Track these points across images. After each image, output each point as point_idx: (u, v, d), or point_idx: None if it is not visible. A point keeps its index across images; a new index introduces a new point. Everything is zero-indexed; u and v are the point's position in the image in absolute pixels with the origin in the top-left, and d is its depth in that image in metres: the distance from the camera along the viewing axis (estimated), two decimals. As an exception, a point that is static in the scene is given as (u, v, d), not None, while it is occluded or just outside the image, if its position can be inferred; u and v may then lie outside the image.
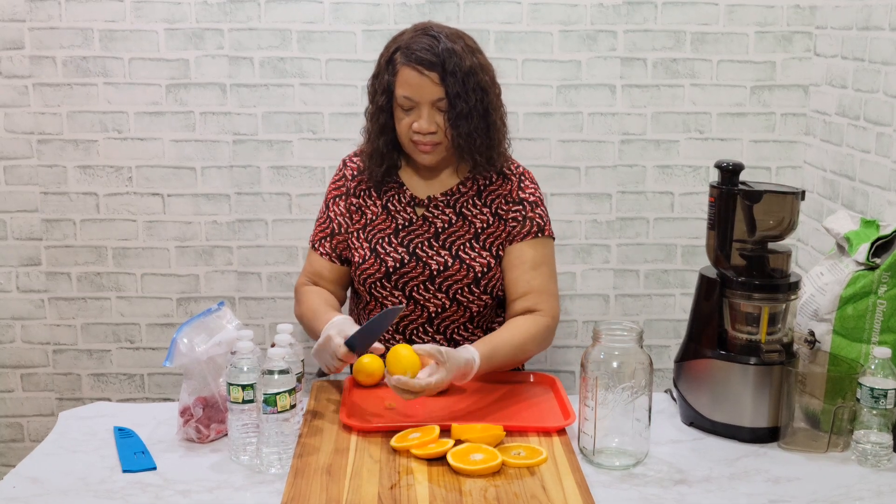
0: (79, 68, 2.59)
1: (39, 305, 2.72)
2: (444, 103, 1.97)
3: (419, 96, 1.97)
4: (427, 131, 1.98)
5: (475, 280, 2.06)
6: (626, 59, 2.64)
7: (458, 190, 2.09)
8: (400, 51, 1.99)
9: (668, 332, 2.80)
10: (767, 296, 1.81)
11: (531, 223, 2.06)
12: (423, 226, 2.08)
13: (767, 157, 2.71)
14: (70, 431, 1.81)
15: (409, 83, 1.97)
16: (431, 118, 1.98)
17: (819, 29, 2.60)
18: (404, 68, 1.97)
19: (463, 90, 1.96)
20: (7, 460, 2.77)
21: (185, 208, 2.68)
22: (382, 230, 2.08)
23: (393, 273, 2.06)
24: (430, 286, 2.06)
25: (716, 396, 1.82)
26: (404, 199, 2.09)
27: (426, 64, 1.95)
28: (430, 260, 2.06)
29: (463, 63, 1.96)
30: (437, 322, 2.10)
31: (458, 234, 2.07)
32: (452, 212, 2.08)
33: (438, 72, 1.95)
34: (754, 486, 1.62)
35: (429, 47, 1.96)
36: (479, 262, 2.06)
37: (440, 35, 1.99)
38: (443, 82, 1.95)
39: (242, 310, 2.74)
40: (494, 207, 2.08)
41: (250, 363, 1.66)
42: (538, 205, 2.09)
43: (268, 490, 1.58)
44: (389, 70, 2.00)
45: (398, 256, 2.06)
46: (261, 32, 2.59)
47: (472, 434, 1.69)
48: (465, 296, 2.07)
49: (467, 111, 1.98)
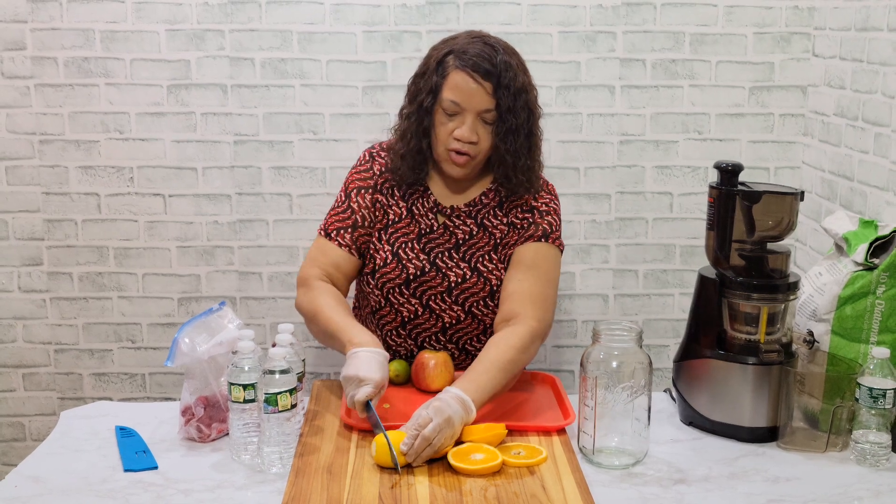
0: (80, 69, 2.59)
1: (41, 305, 2.73)
2: (491, 115, 1.93)
3: (468, 103, 1.92)
4: (468, 140, 1.93)
5: (490, 293, 2.03)
6: (626, 60, 2.65)
7: (481, 201, 2.05)
8: (454, 54, 1.93)
9: (668, 332, 2.81)
10: (766, 296, 1.81)
11: (537, 227, 2.03)
12: (444, 234, 2.04)
13: (766, 158, 2.72)
14: (71, 431, 1.82)
15: (461, 88, 1.91)
16: (474, 128, 1.93)
17: (817, 30, 2.60)
18: (457, 72, 1.91)
19: (514, 106, 1.92)
20: (9, 459, 2.78)
21: (187, 208, 2.68)
22: (406, 234, 2.04)
23: (413, 280, 2.03)
24: (447, 298, 2.04)
25: (715, 396, 1.83)
26: (427, 205, 2.05)
27: (482, 72, 1.90)
28: (449, 271, 2.03)
29: (517, 79, 1.93)
30: (450, 332, 2.07)
31: (477, 245, 2.04)
32: (474, 223, 2.05)
33: (493, 82, 1.91)
34: (753, 485, 1.63)
35: (486, 56, 1.92)
36: (496, 275, 2.03)
37: (497, 46, 1.94)
38: (495, 94, 1.91)
39: (243, 309, 2.74)
40: (510, 217, 2.05)
41: (251, 363, 1.66)
42: (549, 213, 2.04)
43: (269, 489, 1.58)
44: (439, 71, 1.94)
45: (419, 264, 2.03)
46: (262, 33, 2.59)
47: (475, 433, 1.69)
48: (479, 309, 2.05)
49: (515, 127, 1.94)
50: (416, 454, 1.61)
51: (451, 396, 1.68)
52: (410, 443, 1.60)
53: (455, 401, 1.67)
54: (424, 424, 1.62)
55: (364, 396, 1.70)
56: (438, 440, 1.62)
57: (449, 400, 1.67)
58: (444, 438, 1.63)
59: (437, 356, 1.95)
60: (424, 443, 1.60)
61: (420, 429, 1.61)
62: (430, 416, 1.62)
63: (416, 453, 1.61)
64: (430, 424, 1.61)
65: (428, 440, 1.61)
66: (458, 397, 1.69)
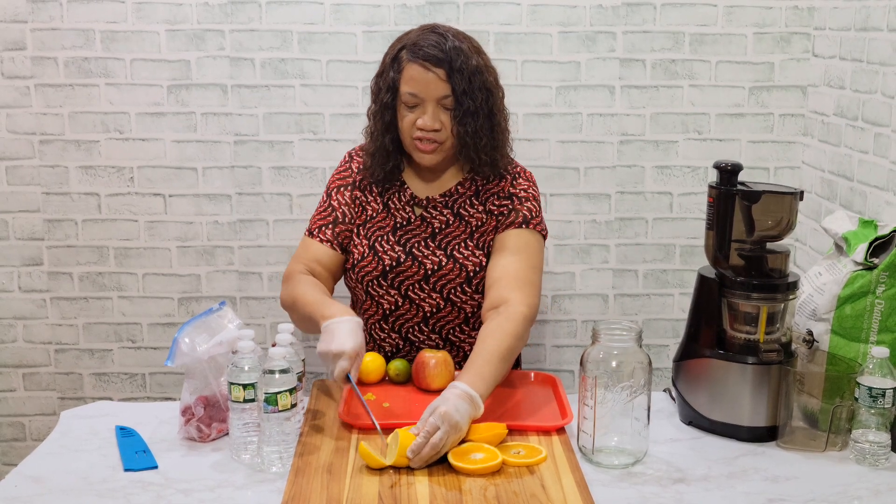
0: (80, 69, 2.60)
1: (41, 305, 2.73)
2: (449, 101, 1.97)
3: (425, 93, 1.96)
4: (431, 128, 1.97)
5: (467, 279, 2.06)
6: (625, 60, 2.65)
7: (457, 191, 2.09)
8: (406, 48, 1.98)
9: (667, 332, 2.81)
10: (766, 295, 1.81)
11: (517, 214, 2.05)
12: (421, 226, 2.08)
13: (766, 158, 2.72)
14: (72, 431, 1.82)
15: (415, 79, 1.96)
16: (436, 116, 1.97)
17: (817, 30, 2.60)
18: (410, 65, 1.96)
19: (469, 88, 1.96)
20: (9, 459, 2.78)
21: (187, 208, 2.69)
22: (381, 228, 2.08)
23: (389, 271, 2.06)
24: (424, 286, 2.06)
25: (714, 396, 1.83)
26: (404, 198, 2.09)
27: (433, 60, 1.95)
28: (425, 259, 2.06)
29: (469, 61, 1.96)
30: (432, 322, 2.09)
31: (454, 234, 2.07)
32: (450, 212, 2.08)
33: (445, 69, 1.95)
34: (752, 484, 1.63)
35: (436, 44, 1.96)
36: (472, 261, 2.06)
37: (447, 34, 1.99)
38: (449, 79, 1.95)
39: (244, 309, 2.74)
40: (488, 205, 2.07)
41: (251, 362, 1.66)
42: (528, 200, 2.07)
43: (269, 489, 1.58)
44: (395, 67, 1.99)
45: (395, 255, 2.06)
46: (262, 33, 2.60)
47: (475, 433, 1.69)
48: (458, 296, 2.07)
49: (473, 109, 1.97)
50: (422, 461, 1.61)
51: (458, 394, 1.68)
52: (418, 450, 1.60)
53: (463, 400, 1.67)
54: (433, 432, 1.61)
55: (341, 372, 1.76)
56: (446, 447, 1.63)
57: (457, 402, 1.66)
58: (451, 443, 1.64)
59: (437, 355, 1.95)
60: (432, 450, 1.61)
61: (428, 436, 1.61)
62: (438, 423, 1.62)
63: (422, 460, 1.61)
64: (439, 432, 1.61)
65: (436, 448, 1.61)
66: (467, 394, 1.69)
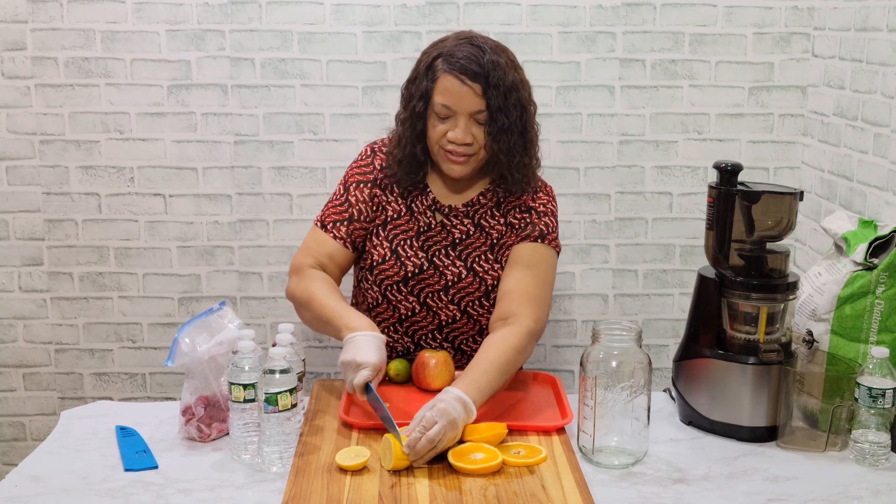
0: (80, 69, 2.60)
1: (41, 305, 2.73)
2: (482, 116, 1.93)
3: (458, 106, 1.92)
4: (462, 142, 1.93)
5: (486, 293, 2.04)
6: (625, 60, 2.65)
7: (479, 201, 2.06)
8: (442, 57, 1.94)
9: (667, 332, 2.81)
10: (766, 296, 1.82)
11: (533, 228, 2.03)
12: (442, 232, 2.05)
13: (765, 158, 2.72)
14: (72, 430, 1.82)
15: (450, 91, 1.92)
16: (468, 129, 1.93)
17: (817, 30, 2.61)
18: (446, 76, 1.92)
19: (504, 105, 1.92)
20: (9, 459, 2.78)
21: (187, 208, 2.69)
22: (405, 231, 2.05)
23: (411, 278, 2.04)
24: (443, 296, 2.05)
25: (714, 396, 1.83)
26: (426, 202, 2.05)
27: (469, 74, 1.90)
28: (445, 270, 2.03)
29: (506, 78, 1.92)
30: (446, 331, 2.08)
31: (474, 245, 2.05)
32: (471, 223, 2.05)
33: (482, 83, 1.90)
34: (752, 484, 1.63)
35: (473, 57, 1.91)
36: (492, 275, 2.04)
37: (485, 46, 1.94)
38: (485, 95, 1.91)
39: (244, 309, 2.74)
40: (509, 217, 2.05)
41: (251, 362, 1.66)
42: (546, 215, 2.05)
43: (269, 489, 1.59)
44: (429, 76, 1.94)
45: (418, 262, 2.03)
46: (262, 34, 2.60)
47: (475, 433, 1.69)
48: (475, 308, 2.06)
49: (508, 126, 1.93)
50: (418, 455, 1.61)
51: (452, 398, 1.68)
52: (414, 444, 1.60)
53: (457, 402, 1.67)
54: (429, 426, 1.62)
55: (362, 380, 1.74)
56: (442, 442, 1.62)
57: (452, 402, 1.67)
58: (447, 440, 1.63)
59: (437, 355, 1.95)
60: (429, 445, 1.60)
61: (424, 430, 1.61)
62: (435, 418, 1.62)
63: (418, 454, 1.61)
64: (435, 427, 1.61)
65: (432, 442, 1.61)
66: (460, 398, 1.69)
